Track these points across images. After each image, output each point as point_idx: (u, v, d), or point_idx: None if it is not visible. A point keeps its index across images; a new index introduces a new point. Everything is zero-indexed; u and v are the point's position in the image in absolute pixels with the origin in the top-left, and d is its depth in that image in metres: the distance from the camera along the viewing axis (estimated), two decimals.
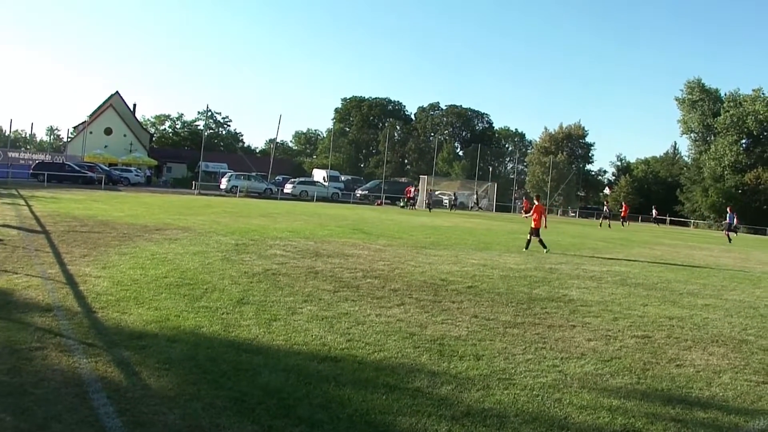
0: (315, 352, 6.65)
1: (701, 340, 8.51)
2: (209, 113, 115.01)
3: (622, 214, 55.44)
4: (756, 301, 12.61)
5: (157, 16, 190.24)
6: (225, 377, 5.72)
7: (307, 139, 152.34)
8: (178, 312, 7.99)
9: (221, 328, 7.39)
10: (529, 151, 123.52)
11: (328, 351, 6.72)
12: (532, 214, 21.05)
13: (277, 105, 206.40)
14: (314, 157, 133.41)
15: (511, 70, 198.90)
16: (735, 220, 43.50)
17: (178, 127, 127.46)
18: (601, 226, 45.12)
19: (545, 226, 21.29)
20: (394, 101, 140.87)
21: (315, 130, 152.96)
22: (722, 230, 46.78)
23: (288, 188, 66.19)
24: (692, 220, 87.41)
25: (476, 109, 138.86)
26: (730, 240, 39.67)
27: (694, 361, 7.34)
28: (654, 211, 74.97)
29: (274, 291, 9.81)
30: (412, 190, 63.52)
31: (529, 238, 20.74)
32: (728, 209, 44.85)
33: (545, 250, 19.87)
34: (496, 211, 74.77)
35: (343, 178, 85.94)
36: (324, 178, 77.03)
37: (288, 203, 49.07)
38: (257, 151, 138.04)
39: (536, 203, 21.75)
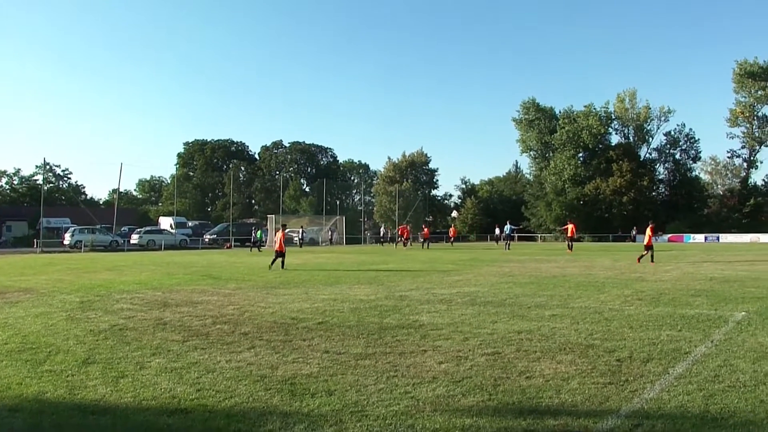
0: (164, 406, 6.42)
1: (549, 349, 8.79)
2: (47, 167, 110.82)
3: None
4: (601, 306, 13.26)
5: None
6: None
7: (152, 187, 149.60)
8: (20, 379, 7.53)
9: (66, 391, 7.01)
10: (374, 181, 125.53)
11: (178, 403, 6.50)
12: (276, 240, 28.05)
13: (118, 153, 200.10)
14: (160, 204, 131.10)
15: (350, 103, 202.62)
16: (511, 231, 53.09)
17: (15, 183, 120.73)
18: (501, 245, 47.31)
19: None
20: (237, 142, 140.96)
21: (159, 177, 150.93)
22: (502, 241, 52.62)
23: (134, 239, 65.81)
24: (539, 234, 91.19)
25: (320, 144, 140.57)
26: (508, 248, 48.29)
27: (543, 371, 7.55)
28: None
29: (121, 347, 9.46)
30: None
31: (275, 258, 27.09)
32: (507, 222, 51.57)
33: (271, 267, 26.39)
34: (346, 243, 75.21)
35: (190, 223, 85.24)
36: (171, 225, 76.39)
37: (135, 254, 48.37)
38: (101, 202, 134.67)
39: (281, 232, 28.78)
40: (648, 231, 29.15)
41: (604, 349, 8.74)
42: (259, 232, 59.50)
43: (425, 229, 64.39)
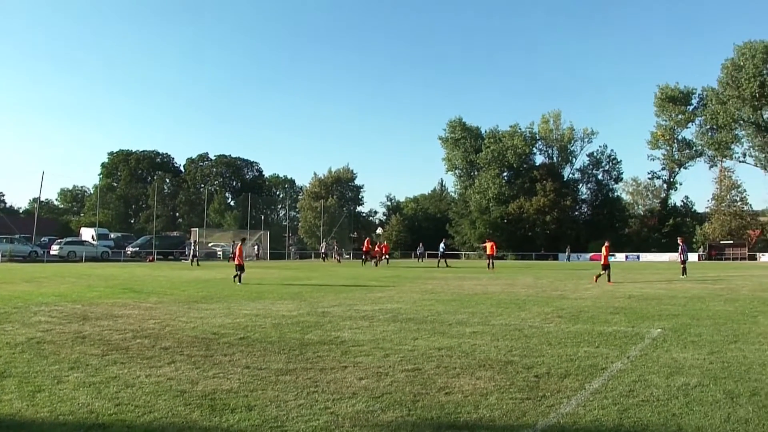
0: (82, 421, 6.32)
1: (469, 366, 8.90)
2: None
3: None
4: (521, 324, 13.47)
5: None
6: None
7: (74, 197, 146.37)
8: None
9: None
10: (300, 197, 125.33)
11: (96, 418, 6.41)
12: (235, 255, 28.53)
13: (40, 161, 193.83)
14: (82, 215, 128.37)
15: (276, 117, 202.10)
16: (443, 249, 54.60)
17: None
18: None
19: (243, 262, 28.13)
20: (163, 153, 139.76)
21: (81, 187, 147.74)
22: (429, 258, 54.17)
23: (55, 249, 64.54)
24: (463, 252, 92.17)
25: (246, 157, 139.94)
26: (447, 265, 50.08)
27: (462, 387, 7.64)
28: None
29: (39, 360, 9.29)
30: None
31: (237, 273, 27.04)
32: (443, 239, 55.56)
33: (239, 283, 26.26)
34: (270, 259, 74.82)
35: (112, 235, 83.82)
36: (92, 236, 74.90)
37: (55, 266, 47.88)
38: (21, 211, 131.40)
39: (239, 243, 29.57)
40: (603, 250, 29.11)
41: (523, 366, 8.89)
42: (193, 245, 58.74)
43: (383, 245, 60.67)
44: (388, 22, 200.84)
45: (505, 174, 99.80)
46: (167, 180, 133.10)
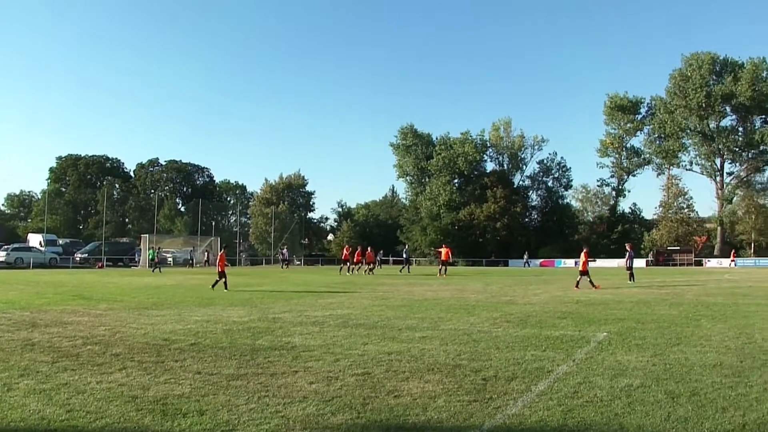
0: (33, 428, 6.33)
1: (418, 370, 9.03)
2: None
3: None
4: (470, 328, 13.66)
5: None
6: None
7: (21, 202, 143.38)
8: None
9: None
10: (251, 203, 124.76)
11: (48, 425, 6.40)
12: (219, 262, 28.55)
13: None
14: (29, 220, 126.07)
15: (227, 122, 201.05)
16: (407, 255, 57.38)
17: None
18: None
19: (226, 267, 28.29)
20: (113, 158, 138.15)
21: (29, 192, 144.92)
22: (403, 266, 55.50)
23: (1, 256, 63.58)
24: (414, 258, 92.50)
25: (196, 163, 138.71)
26: (409, 271, 51.77)
27: (411, 390, 7.76)
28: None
29: None
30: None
31: (218, 279, 27.29)
32: (406, 246, 58.90)
33: (226, 289, 26.02)
34: None
35: (61, 241, 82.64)
36: (40, 242, 73.95)
37: (2, 272, 47.28)
38: None
39: (221, 252, 29.54)
40: (582, 256, 29.13)
41: (471, 369, 9.04)
42: (151, 251, 57.81)
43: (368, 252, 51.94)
44: (337, 28, 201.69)
45: (455, 181, 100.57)
46: (117, 185, 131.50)
